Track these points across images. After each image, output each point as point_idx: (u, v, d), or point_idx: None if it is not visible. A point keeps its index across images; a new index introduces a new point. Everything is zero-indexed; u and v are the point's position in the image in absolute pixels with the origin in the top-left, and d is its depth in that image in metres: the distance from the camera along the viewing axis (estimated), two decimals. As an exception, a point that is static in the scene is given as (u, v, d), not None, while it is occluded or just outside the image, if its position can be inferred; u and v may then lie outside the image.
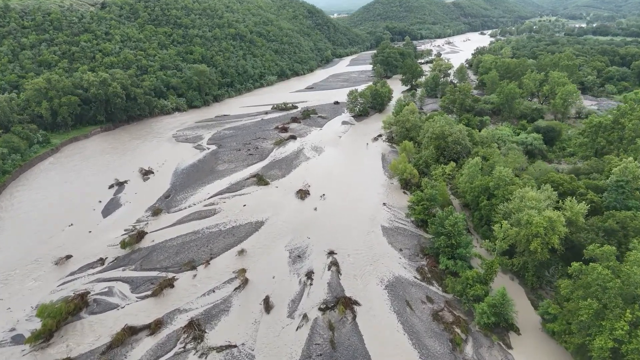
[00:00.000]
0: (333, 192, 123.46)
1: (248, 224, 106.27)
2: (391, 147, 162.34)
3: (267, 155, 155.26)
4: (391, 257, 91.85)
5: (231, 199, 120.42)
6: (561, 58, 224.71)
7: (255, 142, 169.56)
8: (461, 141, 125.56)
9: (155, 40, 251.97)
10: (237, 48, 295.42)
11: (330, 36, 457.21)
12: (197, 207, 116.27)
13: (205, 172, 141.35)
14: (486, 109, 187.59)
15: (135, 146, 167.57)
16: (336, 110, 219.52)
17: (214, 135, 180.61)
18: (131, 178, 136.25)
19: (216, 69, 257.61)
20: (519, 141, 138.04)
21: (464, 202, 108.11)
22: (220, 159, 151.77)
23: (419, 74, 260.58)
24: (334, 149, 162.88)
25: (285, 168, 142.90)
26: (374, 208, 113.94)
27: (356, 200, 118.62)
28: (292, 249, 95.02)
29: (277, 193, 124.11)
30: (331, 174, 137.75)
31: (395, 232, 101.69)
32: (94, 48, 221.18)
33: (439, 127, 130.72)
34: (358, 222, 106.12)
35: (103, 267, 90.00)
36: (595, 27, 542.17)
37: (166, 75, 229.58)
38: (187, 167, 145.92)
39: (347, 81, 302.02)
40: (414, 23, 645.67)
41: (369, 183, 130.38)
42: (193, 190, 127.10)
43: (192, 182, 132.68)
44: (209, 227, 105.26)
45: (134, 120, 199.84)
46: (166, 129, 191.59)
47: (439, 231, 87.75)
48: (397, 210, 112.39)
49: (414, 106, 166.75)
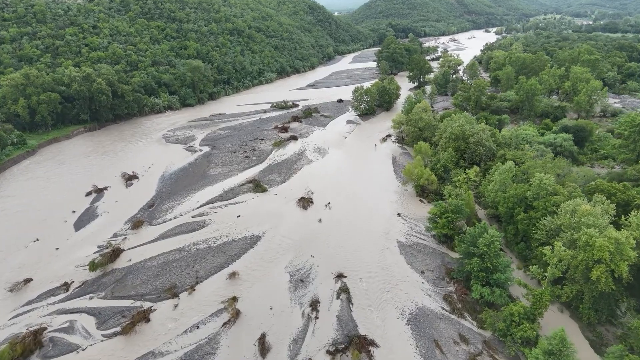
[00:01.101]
0: (340, 201, 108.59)
1: (242, 239, 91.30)
2: (402, 149, 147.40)
3: (265, 158, 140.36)
4: (412, 281, 76.94)
5: (223, 209, 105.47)
6: (581, 52, 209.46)
7: (253, 143, 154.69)
8: (485, 142, 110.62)
9: (147, 34, 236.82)
10: (235, 44, 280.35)
11: (332, 33, 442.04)
12: (184, 218, 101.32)
13: (196, 177, 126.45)
14: (503, 107, 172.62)
15: (121, 148, 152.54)
16: (340, 108, 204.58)
17: (208, 135, 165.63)
18: (112, 184, 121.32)
19: (212, 65, 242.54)
20: (546, 142, 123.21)
21: (491, 213, 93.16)
22: (213, 162, 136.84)
23: (427, 71, 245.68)
24: (339, 150, 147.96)
25: (285, 172, 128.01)
26: (388, 219, 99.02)
27: (366, 210, 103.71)
28: (294, 271, 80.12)
29: (275, 201, 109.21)
30: (337, 179, 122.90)
31: (414, 250, 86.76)
32: (80, 42, 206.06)
33: (459, 127, 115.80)
34: (370, 237, 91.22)
35: (67, 295, 75.04)
36: (604, 24, 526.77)
37: (158, 71, 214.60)
38: (175, 171, 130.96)
39: (351, 78, 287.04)
40: (417, 20, 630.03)
41: (380, 190, 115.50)
42: (181, 198, 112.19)
43: (181, 189, 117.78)
44: (197, 242, 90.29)
45: (122, 120, 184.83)
46: (156, 129, 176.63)
47: (470, 251, 72.86)
48: (414, 222, 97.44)
49: (426, 104, 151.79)
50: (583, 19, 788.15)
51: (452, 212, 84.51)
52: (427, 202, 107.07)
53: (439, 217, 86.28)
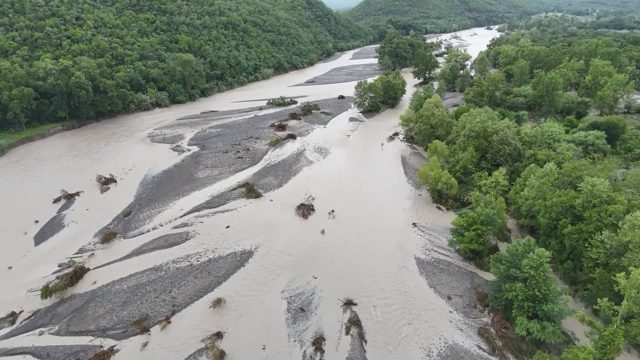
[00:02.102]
0: (345, 208, 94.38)
1: (231, 256, 76.97)
2: (412, 148, 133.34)
3: (260, 159, 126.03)
4: (437, 310, 62.78)
5: (211, 218, 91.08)
6: (599, 45, 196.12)
7: (247, 142, 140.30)
8: (510, 141, 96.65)
9: (135, 27, 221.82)
10: (230, 38, 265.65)
11: (331, 29, 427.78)
12: (165, 229, 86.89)
13: (182, 180, 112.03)
14: (519, 103, 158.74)
15: (100, 148, 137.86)
16: (341, 105, 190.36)
17: (198, 134, 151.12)
18: (86, 189, 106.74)
19: (205, 59, 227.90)
20: (576, 140, 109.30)
21: (523, 224, 79.00)
22: (201, 164, 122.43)
23: (433, 66, 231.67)
24: (342, 150, 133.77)
25: (282, 175, 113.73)
26: (402, 230, 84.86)
27: (376, 219, 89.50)
28: (292, 297, 65.85)
29: (271, 209, 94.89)
30: (341, 182, 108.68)
31: (436, 268, 72.62)
32: (61, 34, 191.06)
33: (480, 123, 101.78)
34: (383, 253, 77.02)
35: (11, 329, 60.63)
36: (609, 21, 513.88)
37: (146, 65, 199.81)
38: (159, 174, 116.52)
39: (352, 74, 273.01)
40: (418, 17, 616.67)
41: (391, 195, 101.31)
42: (163, 205, 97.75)
43: (163, 194, 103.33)
44: (177, 260, 75.92)
45: (105, 117, 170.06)
46: (142, 127, 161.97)
47: (510, 274, 58.79)
48: (433, 234, 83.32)
49: (438, 99, 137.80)
50: (584, 17, 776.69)
51: (482, 224, 70.41)
52: (445, 209, 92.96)
53: (466, 230, 72.18)
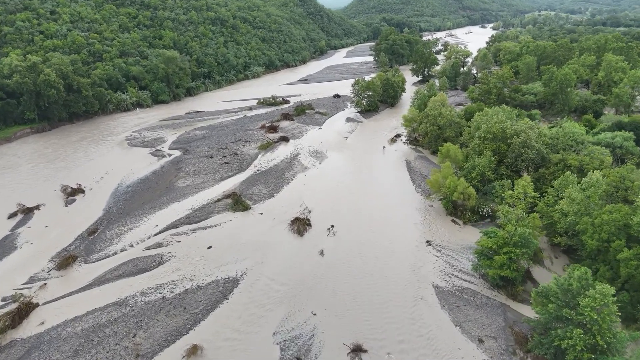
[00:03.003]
0: (346, 222, 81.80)
1: (212, 285, 63.98)
2: (417, 151, 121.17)
3: (248, 164, 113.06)
4: (468, 357, 50.43)
5: (190, 236, 77.95)
6: (608, 40, 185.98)
7: (234, 146, 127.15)
8: (534, 144, 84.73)
9: (115, 22, 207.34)
10: (218, 34, 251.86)
11: (324, 26, 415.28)
12: (135, 251, 73.66)
13: (159, 190, 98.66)
14: (528, 101, 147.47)
15: (71, 153, 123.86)
16: (337, 105, 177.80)
17: (181, 137, 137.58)
18: (48, 201, 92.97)
19: (191, 57, 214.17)
20: (602, 142, 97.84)
21: (563, 243, 66.92)
22: (183, 170, 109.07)
23: (432, 63, 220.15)
24: (340, 154, 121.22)
25: (274, 183, 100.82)
26: (414, 250, 72.48)
27: (383, 235, 77.03)
28: (287, 341, 53.06)
29: (261, 224, 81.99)
30: (340, 191, 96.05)
31: (459, 299, 60.29)
32: (34, 29, 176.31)
33: (497, 124, 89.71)
34: (394, 280, 64.53)
35: None
36: (605, 19, 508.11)
37: (126, 63, 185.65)
38: (134, 182, 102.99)
39: (346, 73, 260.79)
40: (412, 15, 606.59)
41: (397, 206, 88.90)
42: (135, 220, 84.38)
43: (137, 207, 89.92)
44: (146, 291, 62.76)
45: (80, 119, 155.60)
46: (120, 129, 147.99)
47: (562, 315, 46.62)
48: (452, 255, 71.00)
49: (444, 97, 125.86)
50: (577, 16, 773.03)
51: (516, 247, 58.17)
52: (462, 223, 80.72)
53: (496, 253, 59.89)
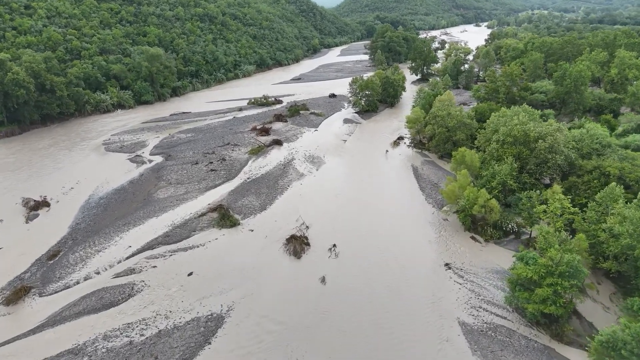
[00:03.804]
0: (350, 240, 70.85)
1: (191, 325, 52.65)
2: (423, 156, 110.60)
3: (238, 172, 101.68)
4: None
5: (168, 260, 66.49)
6: (618, 35, 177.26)
7: (222, 150, 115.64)
8: (562, 148, 74.50)
9: (95, 17, 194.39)
10: (206, 31, 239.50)
11: (317, 24, 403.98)
12: (102, 279, 62.12)
13: (136, 202, 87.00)
14: (539, 100, 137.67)
15: (40, 159, 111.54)
16: (333, 105, 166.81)
17: (164, 140, 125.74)
18: (7, 217, 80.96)
19: (177, 54, 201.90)
20: (631, 145, 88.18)
21: (611, 267, 56.42)
22: (164, 179, 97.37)
23: (431, 61, 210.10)
24: (339, 159, 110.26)
25: (266, 193, 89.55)
26: (432, 275, 61.73)
27: (394, 257, 66.16)
28: (283, 404, 42.05)
29: (252, 244, 70.76)
30: (341, 203, 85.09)
31: (492, 341, 49.57)
32: (6, 24, 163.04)
33: (519, 126, 79.29)
34: (412, 315, 53.69)
35: None
36: (601, 17, 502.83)
37: (107, 61, 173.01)
38: (108, 193, 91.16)
39: (342, 71, 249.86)
40: (406, 14, 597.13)
41: (407, 220, 78.15)
42: (105, 239, 72.71)
43: (109, 224, 78.24)
44: (110, 334, 51.30)
45: (54, 121, 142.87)
46: (98, 132, 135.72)
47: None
48: (476, 281, 60.31)
49: (451, 96, 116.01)
50: (570, 15, 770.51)
51: (563, 277, 47.64)
52: (483, 241, 70.11)
53: (536, 284, 49.31)
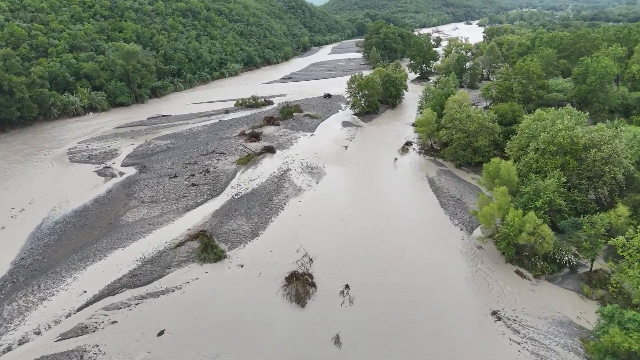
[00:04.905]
0: (364, 279, 56.24)
1: (158, 420, 37.60)
2: (437, 164, 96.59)
3: (224, 186, 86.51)
4: None
5: (133, 310, 51.11)
6: (632, 30, 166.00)
7: (206, 160, 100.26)
8: (622, 159, 61.03)
9: (66, 11, 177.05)
10: (189, 27, 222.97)
11: (306, 22, 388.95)
12: (42, 342, 46.57)
13: (100, 227, 71.26)
14: (558, 100, 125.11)
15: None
16: (329, 106, 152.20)
17: (139, 149, 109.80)
18: None
19: (157, 52, 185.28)
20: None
21: None
22: (135, 197, 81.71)
23: (431, 58, 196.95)
24: (341, 169, 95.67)
25: (258, 214, 74.52)
26: (477, 331, 47.43)
27: (425, 304, 51.73)
28: None
29: (242, 286, 55.71)
30: (349, 226, 70.46)
31: None
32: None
33: (565, 131, 65.51)
34: (463, 397, 39.42)
35: None
36: (593, 14, 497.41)
37: (77, 58, 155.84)
38: (66, 216, 75.23)
39: (334, 70, 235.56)
40: (396, 12, 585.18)
41: (433, 249, 63.79)
42: (54, 281, 57.01)
43: (62, 258, 62.46)
44: None
45: (14, 127, 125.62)
46: (63, 139, 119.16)
47: None
48: (539, 339, 46.05)
49: (466, 95, 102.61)
50: (560, 13, 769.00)
51: (684, 351, 33.76)
52: (533, 277, 56.15)
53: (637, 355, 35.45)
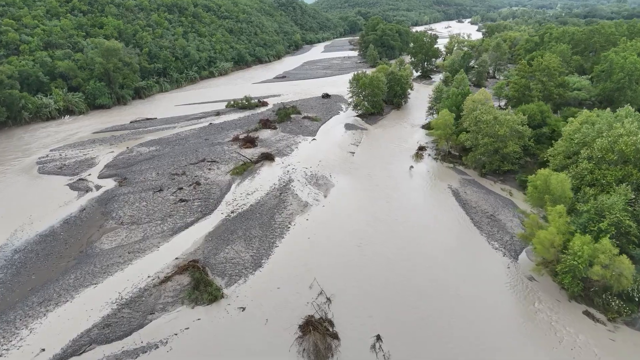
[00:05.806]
0: (398, 324, 44.91)
1: None
2: (457, 172, 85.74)
3: (217, 202, 74.53)
4: None
5: (103, 381, 39.18)
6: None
7: (196, 170, 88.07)
8: (701, 171, 50.78)
9: (40, 5, 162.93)
10: (175, 24, 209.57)
11: (297, 19, 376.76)
12: None
13: (68, 257, 58.82)
14: (580, 99, 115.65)
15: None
16: (328, 107, 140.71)
17: (119, 157, 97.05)
18: None
19: (141, 50, 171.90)
20: None
21: None
22: (113, 216, 69.29)
23: (433, 55, 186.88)
24: (351, 180, 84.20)
25: (259, 237, 62.70)
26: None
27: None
28: None
29: (245, 338, 43.89)
30: (367, 251, 59.04)
31: None
32: None
33: (626, 137, 54.97)
34: None
35: None
36: (586, 12, 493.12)
37: (52, 56, 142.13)
38: (29, 242, 62.55)
39: (330, 68, 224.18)
40: (387, 10, 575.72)
41: (475, 282, 52.60)
42: (5, 334, 44.61)
43: (17, 301, 50.03)
44: None
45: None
46: (34, 146, 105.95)
47: None
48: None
49: (487, 94, 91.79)
50: (551, 10, 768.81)
51: None
52: (606, 319, 45.45)
53: None
